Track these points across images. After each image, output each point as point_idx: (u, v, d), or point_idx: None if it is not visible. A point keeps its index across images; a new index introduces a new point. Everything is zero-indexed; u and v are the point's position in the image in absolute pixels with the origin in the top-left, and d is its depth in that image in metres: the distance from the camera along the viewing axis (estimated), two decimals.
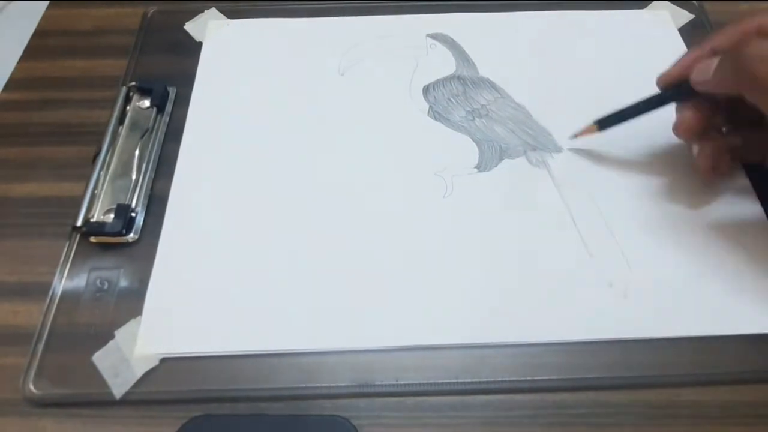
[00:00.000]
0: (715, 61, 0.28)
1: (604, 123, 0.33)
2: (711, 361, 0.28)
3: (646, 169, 0.34)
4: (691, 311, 0.29)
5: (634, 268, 0.30)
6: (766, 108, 0.26)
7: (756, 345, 0.28)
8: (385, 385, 0.27)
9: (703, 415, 0.27)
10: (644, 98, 0.32)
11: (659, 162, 0.35)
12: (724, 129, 0.32)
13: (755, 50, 0.26)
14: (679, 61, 0.31)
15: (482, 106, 0.37)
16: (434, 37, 0.41)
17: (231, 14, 0.43)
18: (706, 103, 0.30)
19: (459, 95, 0.38)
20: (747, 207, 0.33)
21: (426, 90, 0.38)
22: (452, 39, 0.41)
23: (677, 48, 0.40)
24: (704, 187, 0.33)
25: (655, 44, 0.40)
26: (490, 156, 0.35)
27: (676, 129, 0.31)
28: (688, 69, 0.30)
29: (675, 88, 0.31)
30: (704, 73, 0.28)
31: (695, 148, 0.32)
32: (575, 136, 0.34)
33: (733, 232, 0.31)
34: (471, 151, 0.35)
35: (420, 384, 0.27)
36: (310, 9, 0.43)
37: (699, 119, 0.30)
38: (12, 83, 0.40)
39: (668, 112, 0.32)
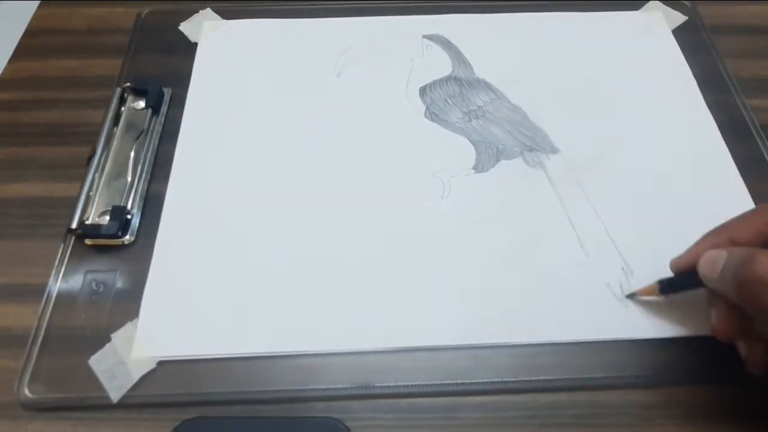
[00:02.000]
0: (723, 258, 0.24)
1: (666, 288, 0.28)
2: (705, 362, 0.28)
3: (643, 170, 0.35)
4: (686, 312, 0.29)
5: (630, 269, 0.31)
6: None
7: None
8: (382, 387, 0.27)
9: (697, 416, 0.27)
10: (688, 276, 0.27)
11: (656, 163, 0.35)
12: None
13: (760, 271, 0.22)
14: (692, 247, 0.27)
15: (479, 107, 0.37)
16: (430, 38, 0.41)
17: (226, 15, 0.43)
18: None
19: (455, 96, 0.38)
20: (744, 207, 0.33)
21: (423, 91, 0.38)
22: (448, 40, 0.41)
23: (671, 49, 0.40)
24: (701, 188, 0.33)
25: (648, 45, 0.41)
26: (487, 157, 0.35)
27: (713, 332, 0.27)
28: (697, 257, 0.26)
29: (687, 276, 0.27)
30: (711, 269, 0.25)
31: (742, 348, 0.27)
32: (632, 295, 0.30)
33: None
34: (468, 152, 0.35)
35: (416, 385, 0.28)
36: (305, 10, 0.43)
37: (731, 322, 0.25)
38: (2, 83, 0.39)
39: (669, 116, 0.32)
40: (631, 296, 0.30)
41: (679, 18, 0.42)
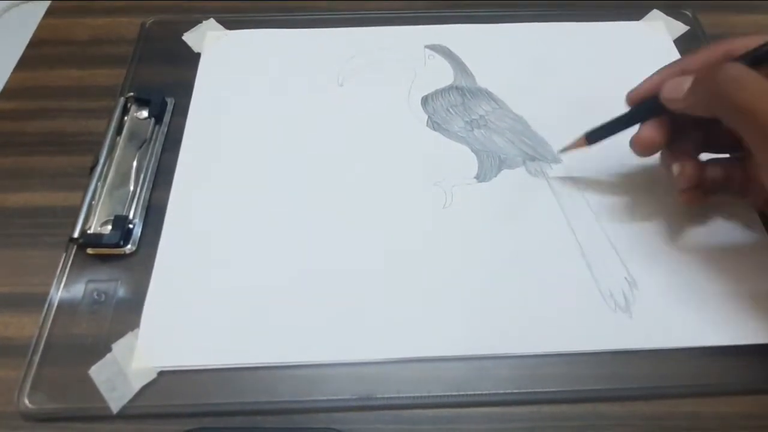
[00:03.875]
0: (687, 80, 0.28)
1: (593, 137, 0.32)
2: (710, 373, 0.28)
3: (645, 179, 0.34)
4: (690, 322, 0.29)
5: (633, 279, 0.31)
6: (745, 133, 0.26)
7: (755, 356, 0.28)
8: (384, 398, 0.27)
9: (701, 427, 0.27)
10: (626, 113, 0.32)
11: (658, 173, 0.35)
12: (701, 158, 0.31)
13: (730, 73, 0.26)
14: (649, 78, 0.31)
15: (481, 116, 0.37)
16: (432, 48, 0.41)
17: (229, 25, 0.43)
18: (670, 122, 0.29)
19: (457, 106, 0.38)
20: (747, 217, 0.33)
21: (424, 101, 0.38)
22: (450, 50, 0.41)
23: (672, 58, 0.40)
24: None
25: (650, 55, 0.41)
26: (489, 166, 0.35)
27: (632, 144, 0.30)
28: (658, 86, 0.29)
29: (645, 105, 0.30)
30: (675, 91, 0.28)
31: (675, 168, 0.30)
32: (564, 149, 0.34)
33: (733, 243, 0.32)
34: (470, 162, 0.35)
35: (418, 396, 0.27)
36: (308, 20, 0.43)
37: (657, 136, 0.30)
38: (7, 92, 0.39)
39: None
40: (563, 151, 0.34)
41: (681, 28, 0.42)
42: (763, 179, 0.26)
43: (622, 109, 0.32)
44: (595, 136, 0.32)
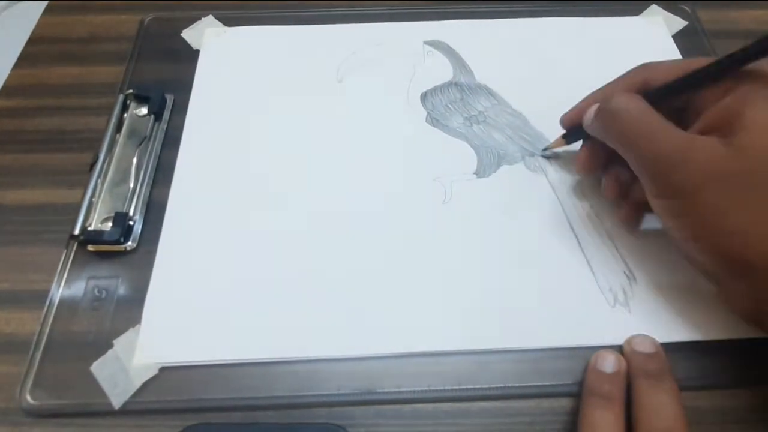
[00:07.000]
0: (596, 107, 0.29)
1: (569, 137, 0.34)
2: (709, 366, 0.28)
3: None
4: (689, 317, 0.29)
5: (633, 274, 0.31)
6: (629, 162, 0.27)
7: (754, 350, 0.28)
8: (385, 393, 0.27)
9: (700, 421, 0.27)
10: (566, 132, 0.34)
11: None
12: None
13: (614, 105, 0.28)
14: (579, 103, 0.32)
15: (480, 112, 0.37)
16: (431, 44, 0.41)
17: (228, 22, 0.43)
18: (602, 145, 0.30)
19: (456, 102, 0.38)
20: None
21: (423, 97, 0.38)
22: (449, 46, 0.41)
23: (671, 54, 0.41)
24: None
25: (649, 50, 0.41)
26: (489, 162, 0.35)
27: (575, 165, 0.33)
28: (582, 112, 0.31)
29: (576, 128, 0.32)
30: (587, 118, 0.30)
31: (603, 182, 0.32)
32: (546, 149, 0.35)
33: None
34: (469, 157, 0.35)
35: (419, 391, 0.27)
36: (307, 16, 0.43)
37: (590, 158, 0.32)
38: (6, 90, 0.39)
39: None
40: (545, 150, 0.35)
41: (680, 23, 0.43)
42: (651, 204, 0.27)
43: None
44: (570, 136, 0.34)
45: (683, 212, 0.25)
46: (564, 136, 0.34)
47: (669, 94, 0.28)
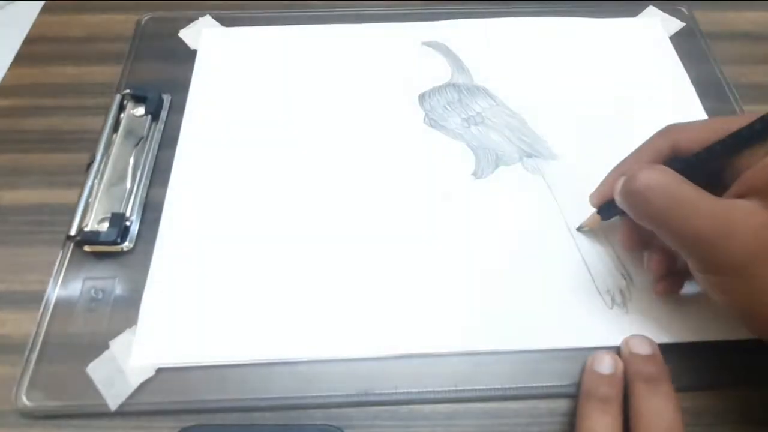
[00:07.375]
0: (621, 182, 0.26)
1: (603, 213, 0.31)
2: (707, 367, 0.28)
3: None
4: (686, 318, 0.29)
5: (630, 276, 0.31)
6: (665, 240, 0.25)
7: (752, 350, 0.28)
8: (381, 394, 0.27)
9: (698, 422, 0.27)
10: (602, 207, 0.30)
11: None
12: None
13: (638, 185, 0.25)
14: (606, 178, 0.30)
15: (478, 113, 0.37)
16: (429, 45, 0.41)
17: (225, 22, 0.43)
18: None
19: (454, 103, 0.38)
20: None
21: (422, 98, 0.38)
22: (447, 47, 0.41)
23: (668, 55, 0.41)
24: None
25: (646, 51, 0.41)
26: (486, 163, 0.35)
27: (620, 244, 0.31)
28: (611, 187, 0.28)
29: (609, 204, 0.29)
30: (614, 193, 0.27)
31: (645, 258, 0.30)
32: (581, 228, 0.32)
33: None
34: (467, 158, 0.35)
35: (415, 392, 0.27)
36: (304, 17, 0.43)
37: (631, 234, 0.29)
38: (2, 90, 0.39)
39: (667, 122, 0.32)
40: (580, 228, 0.32)
41: (677, 24, 0.43)
42: (696, 279, 0.26)
43: (622, 105, 0.32)
44: (606, 212, 0.30)
45: (733, 288, 0.24)
46: (599, 212, 0.31)
47: (706, 161, 0.26)
